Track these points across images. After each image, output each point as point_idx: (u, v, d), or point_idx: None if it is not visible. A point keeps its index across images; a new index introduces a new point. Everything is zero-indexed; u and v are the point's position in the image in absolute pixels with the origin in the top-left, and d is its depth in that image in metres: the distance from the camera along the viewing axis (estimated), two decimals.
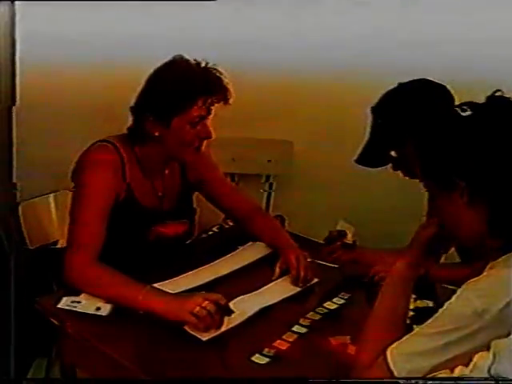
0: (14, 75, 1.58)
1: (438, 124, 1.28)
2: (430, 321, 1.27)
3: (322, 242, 2.05)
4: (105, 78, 2.48)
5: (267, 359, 1.51)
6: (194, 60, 1.81)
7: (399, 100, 1.78)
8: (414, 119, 1.69)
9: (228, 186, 2.11)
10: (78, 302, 1.66)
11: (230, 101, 1.81)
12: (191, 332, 1.56)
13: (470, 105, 1.26)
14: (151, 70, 1.82)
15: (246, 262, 1.94)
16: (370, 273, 1.82)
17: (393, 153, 1.79)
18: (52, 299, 1.69)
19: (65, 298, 1.68)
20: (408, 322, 1.68)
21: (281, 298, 1.77)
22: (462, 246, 1.90)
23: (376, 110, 1.81)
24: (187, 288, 1.75)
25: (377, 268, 1.82)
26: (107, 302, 1.66)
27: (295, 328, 1.64)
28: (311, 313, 1.72)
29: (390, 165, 1.87)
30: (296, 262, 1.86)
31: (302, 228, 2.26)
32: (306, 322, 1.67)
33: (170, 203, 1.98)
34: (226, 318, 1.59)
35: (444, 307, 1.26)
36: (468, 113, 1.24)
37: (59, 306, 1.65)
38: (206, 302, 1.57)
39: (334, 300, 1.79)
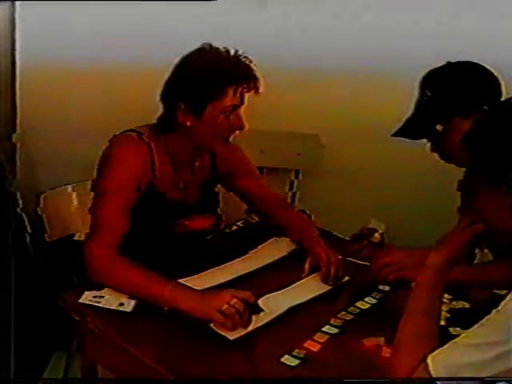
0: (14, 75, 1.53)
1: (495, 117, 1.20)
2: (476, 328, 1.18)
3: (347, 239, 2.00)
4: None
5: (297, 361, 1.44)
6: (224, 48, 1.75)
7: (450, 74, 1.75)
8: (463, 94, 1.69)
9: (256, 180, 2.03)
10: (101, 297, 1.60)
11: (261, 90, 1.75)
12: (218, 330, 1.50)
13: None
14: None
15: (273, 259, 1.87)
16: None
17: (438, 126, 1.73)
18: (74, 294, 1.63)
19: (87, 293, 1.62)
20: (443, 323, 1.64)
21: (311, 297, 1.69)
22: (499, 243, 1.82)
23: (426, 82, 1.77)
24: (213, 285, 1.69)
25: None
26: (131, 298, 1.60)
27: (326, 328, 1.57)
28: (343, 312, 1.64)
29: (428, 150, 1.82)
30: (326, 259, 1.78)
31: (329, 224, 2.19)
32: (338, 323, 1.60)
33: (195, 196, 1.91)
34: (254, 317, 1.52)
35: (493, 314, 1.17)
36: None
37: (81, 300, 1.60)
38: (235, 299, 1.50)
39: (366, 299, 1.72)
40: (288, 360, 1.44)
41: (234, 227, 2.73)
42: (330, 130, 2.79)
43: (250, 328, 1.51)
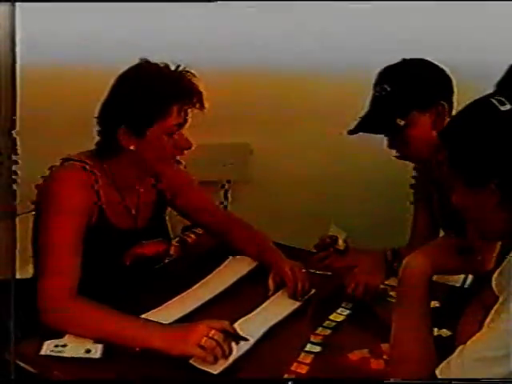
0: (15, 75, 1.42)
1: (474, 118, 1.18)
2: (480, 339, 1.14)
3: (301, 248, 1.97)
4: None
5: None
6: (162, 63, 1.65)
7: (408, 69, 1.77)
8: (422, 88, 1.73)
9: (204, 199, 1.95)
10: (64, 346, 1.45)
11: (206, 105, 1.66)
12: (199, 366, 1.40)
13: (508, 97, 1.16)
14: None
15: (235, 279, 1.79)
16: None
17: (399, 121, 1.73)
18: (31, 346, 1.46)
19: (47, 343, 1.46)
20: None
21: (284, 315, 1.63)
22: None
23: (383, 77, 1.77)
24: (181, 316, 1.58)
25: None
26: (96, 342, 1.47)
27: (308, 347, 1.51)
28: (320, 328, 1.59)
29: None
30: (291, 274, 1.73)
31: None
32: (318, 339, 1.54)
33: (144, 221, 1.80)
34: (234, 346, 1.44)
35: (491, 318, 1.14)
36: (507, 107, 1.14)
37: (42, 352, 1.44)
38: (213, 331, 1.41)
39: (339, 311, 1.68)
40: None
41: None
42: (258, 139, 2.73)
43: (233, 358, 1.42)
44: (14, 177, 1.53)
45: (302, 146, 2.68)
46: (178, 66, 1.64)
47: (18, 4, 1.46)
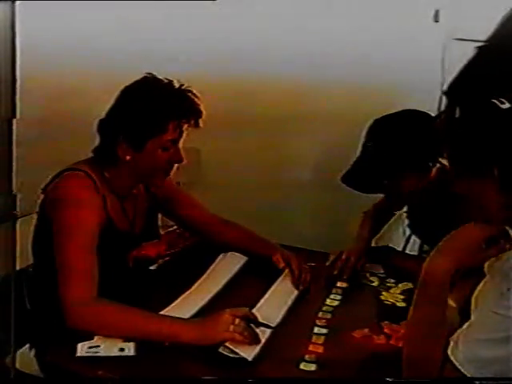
0: (14, 76, 1.44)
1: (478, 117, 1.36)
2: (487, 321, 1.24)
3: None
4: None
5: (314, 365, 1.52)
6: (166, 79, 1.75)
7: (395, 127, 1.86)
8: (409, 154, 1.82)
9: (193, 201, 2.06)
10: (97, 347, 1.53)
11: (201, 125, 1.77)
12: (232, 355, 1.51)
13: (508, 97, 1.34)
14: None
15: (232, 273, 1.93)
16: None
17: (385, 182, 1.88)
18: (63, 350, 1.53)
19: (80, 345, 1.53)
20: (404, 304, 1.83)
21: (291, 301, 1.80)
22: None
23: (373, 133, 1.90)
24: (195, 311, 1.69)
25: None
26: (126, 341, 1.55)
27: (316, 330, 1.67)
28: (320, 313, 1.76)
29: None
30: (297, 262, 1.91)
31: None
32: (323, 323, 1.71)
33: (140, 225, 1.90)
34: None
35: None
36: (507, 105, 1.33)
37: (78, 354, 1.51)
38: (237, 319, 1.54)
39: (332, 297, 1.86)
40: (306, 366, 1.51)
41: None
42: (207, 142, 2.82)
43: (261, 344, 1.55)
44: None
45: (252, 150, 2.80)
46: (182, 85, 1.75)
47: (17, 3, 1.50)
